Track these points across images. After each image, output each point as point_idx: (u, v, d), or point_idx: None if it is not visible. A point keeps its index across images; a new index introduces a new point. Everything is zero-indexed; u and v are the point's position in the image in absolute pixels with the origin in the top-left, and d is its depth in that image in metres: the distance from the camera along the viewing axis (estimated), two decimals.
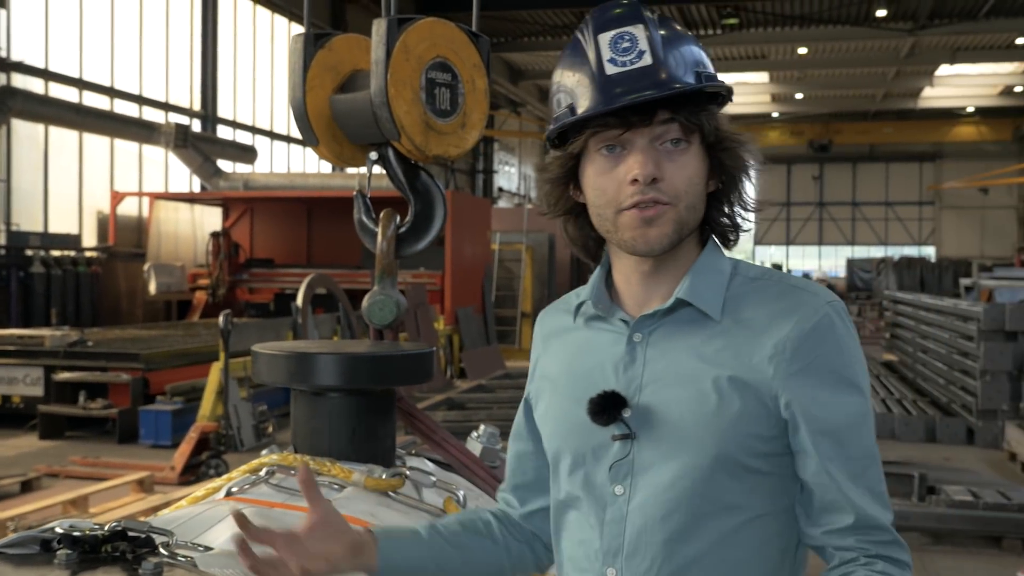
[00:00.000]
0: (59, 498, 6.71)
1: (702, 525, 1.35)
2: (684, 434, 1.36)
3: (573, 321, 1.52)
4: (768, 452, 1.36)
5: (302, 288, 9.66)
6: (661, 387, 1.38)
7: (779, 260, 47.88)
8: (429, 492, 2.38)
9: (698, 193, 1.39)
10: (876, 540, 1.35)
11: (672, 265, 1.42)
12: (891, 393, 12.27)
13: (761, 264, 1.49)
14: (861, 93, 37.28)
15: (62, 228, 16.06)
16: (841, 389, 1.35)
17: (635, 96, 1.32)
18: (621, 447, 1.39)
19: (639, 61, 1.35)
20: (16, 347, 10.81)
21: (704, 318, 1.39)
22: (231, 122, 20.93)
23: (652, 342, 1.41)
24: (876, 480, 1.37)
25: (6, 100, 13.78)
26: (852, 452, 1.35)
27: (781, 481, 1.38)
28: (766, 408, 1.35)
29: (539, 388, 1.56)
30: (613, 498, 1.40)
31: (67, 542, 1.66)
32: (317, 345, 2.48)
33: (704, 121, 1.37)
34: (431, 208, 2.67)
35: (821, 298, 1.39)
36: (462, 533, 1.56)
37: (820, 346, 1.35)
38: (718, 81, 1.38)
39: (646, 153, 1.35)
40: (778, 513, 1.39)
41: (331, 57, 2.66)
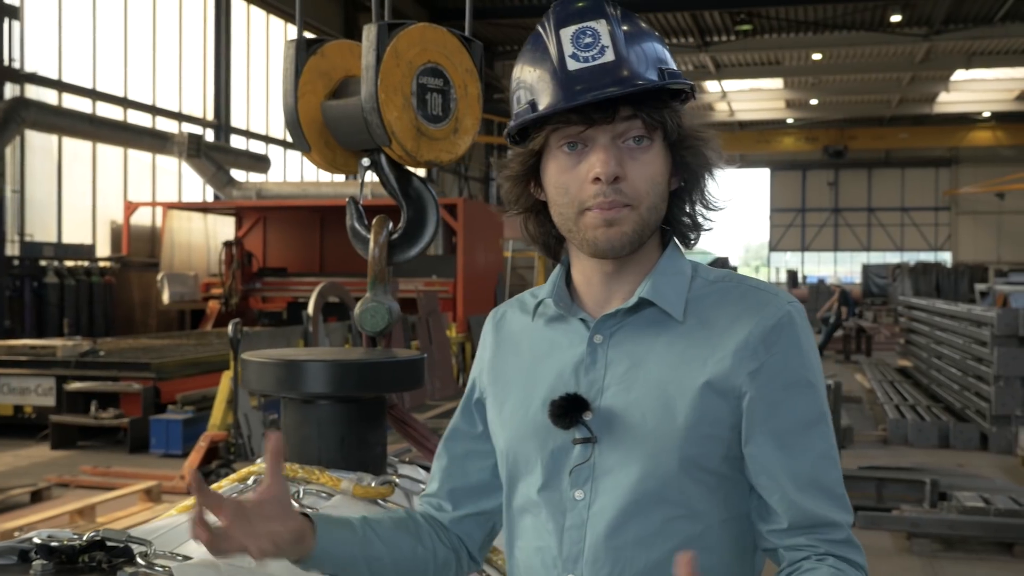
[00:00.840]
0: (66, 508, 6.72)
1: (665, 530, 1.33)
2: (646, 438, 1.33)
3: (531, 321, 1.49)
4: (730, 456, 1.34)
5: (313, 296, 9.67)
6: (623, 390, 1.36)
7: (794, 266, 47.66)
8: (419, 500, 2.36)
9: (660, 193, 1.37)
10: (827, 539, 1.32)
11: (633, 266, 1.40)
12: (905, 399, 12.18)
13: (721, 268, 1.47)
14: (876, 98, 37.14)
15: (76, 238, 16.14)
16: (797, 390, 1.33)
17: (597, 93, 1.30)
18: (582, 451, 1.37)
19: (601, 57, 1.32)
20: (28, 357, 10.84)
21: (666, 319, 1.37)
22: (244, 132, 21.01)
23: (614, 343, 1.39)
24: (832, 481, 1.34)
25: (20, 111, 13.85)
26: (805, 453, 1.33)
27: (743, 485, 1.36)
28: (729, 409, 1.33)
29: (494, 390, 1.52)
30: (573, 503, 1.37)
31: (43, 552, 1.65)
32: (306, 353, 2.46)
33: (667, 118, 1.34)
34: (424, 214, 2.65)
35: (782, 299, 1.37)
36: (393, 531, 1.51)
37: (778, 345, 1.33)
38: (681, 78, 1.36)
39: (608, 151, 1.33)
40: (741, 518, 1.37)
41: (323, 63, 2.65)
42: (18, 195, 14.93)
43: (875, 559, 6.35)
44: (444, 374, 13.06)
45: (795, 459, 1.32)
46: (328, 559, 1.41)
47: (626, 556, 1.33)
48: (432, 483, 1.62)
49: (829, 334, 19.73)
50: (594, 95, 1.30)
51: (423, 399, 12.24)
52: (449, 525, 1.58)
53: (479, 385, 1.56)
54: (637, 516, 1.33)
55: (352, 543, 1.44)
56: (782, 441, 1.32)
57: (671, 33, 28.47)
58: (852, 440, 10.06)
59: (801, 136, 41.89)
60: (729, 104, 37.72)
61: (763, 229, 51.44)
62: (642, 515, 1.33)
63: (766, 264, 52.69)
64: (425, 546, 1.53)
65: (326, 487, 2.24)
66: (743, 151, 44.82)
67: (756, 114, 39.72)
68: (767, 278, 50.69)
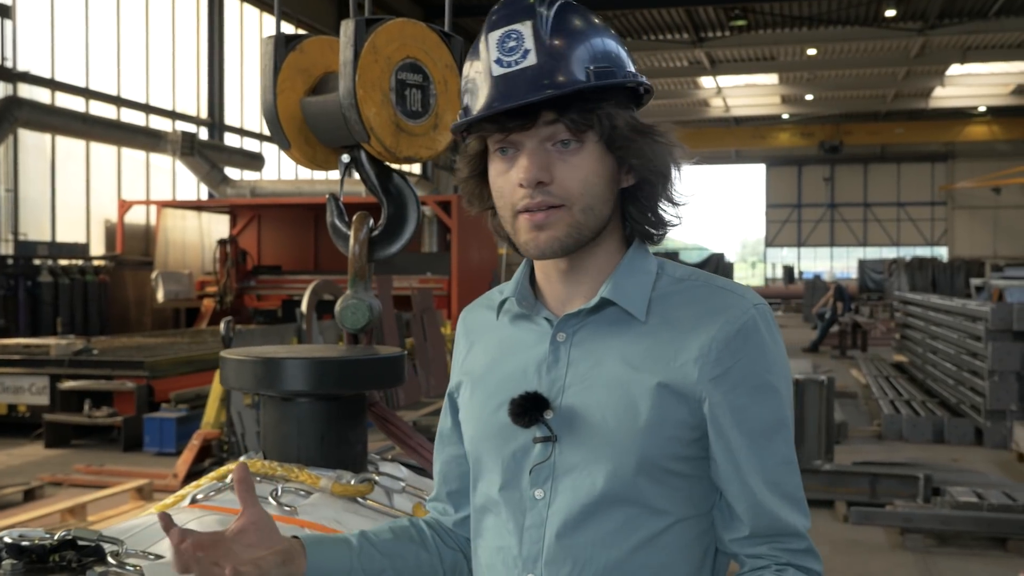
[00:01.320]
0: (58, 507, 6.70)
1: (624, 529, 1.32)
2: (607, 437, 1.32)
3: (496, 319, 1.49)
4: (691, 456, 1.33)
5: (306, 294, 9.65)
6: (584, 389, 1.35)
7: (791, 262, 47.69)
8: (400, 498, 2.36)
9: (596, 194, 1.34)
10: (788, 548, 1.32)
11: (591, 264, 1.39)
12: (900, 394, 12.19)
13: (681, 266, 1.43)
14: (871, 94, 37.12)
15: (70, 237, 16.11)
16: (761, 395, 1.32)
17: (511, 102, 1.28)
18: (542, 450, 1.36)
19: (523, 61, 1.30)
20: (22, 356, 10.82)
21: (629, 318, 1.36)
22: (238, 129, 20.98)
23: (576, 342, 1.38)
24: (794, 486, 1.34)
25: (13, 110, 13.83)
26: (768, 458, 1.32)
27: (703, 485, 1.35)
28: (689, 411, 1.32)
29: (463, 389, 1.52)
30: (533, 502, 1.36)
31: (13, 552, 1.64)
32: (285, 350, 2.45)
33: (598, 119, 1.32)
34: (404, 210, 2.65)
35: (748, 301, 1.35)
36: (393, 541, 1.52)
37: (743, 350, 1.32)
38: (616, 76, 1.33)
39: (533, 156, 1.31)
40: (700, 517, 1.36)
41: (303, 59, 2.64)
42: (11, 194, 14.91)
43: (868, 555, 6.35)
44: (439, 371, 13.05)
45: (760, 464, 1.31)
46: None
47: (585, 555, 1.33)
48: (435, 487, 1.63)
49: (825, 329, 19.73)
50: (509, 104, 1.29)
51: (418, 396, 12.23)
52: (454, 527, 1.58)
53: (453, 385, 1.56)
54: (596, 515, 1.32)
55: (347, 559, 1.44)
56: (746, 446, 1.31)
57: (665, 29, 28.47)
58: (847, 435, 10.05)
59: (797, 131, 41.91)
60: (724, 100, 37.69)
61: (759, 225, 51.54)
62: (601, 514, 1.32)
63: (762, 260, 52.73)
64: (430, 551, 1.54)
65: (305, 485, 2.24)
66: (739, 147, 44.88)
67: (751, 110, 39.66)
68: (763, 274, 50.78)
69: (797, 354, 18.35)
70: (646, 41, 29.11)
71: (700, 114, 40.44)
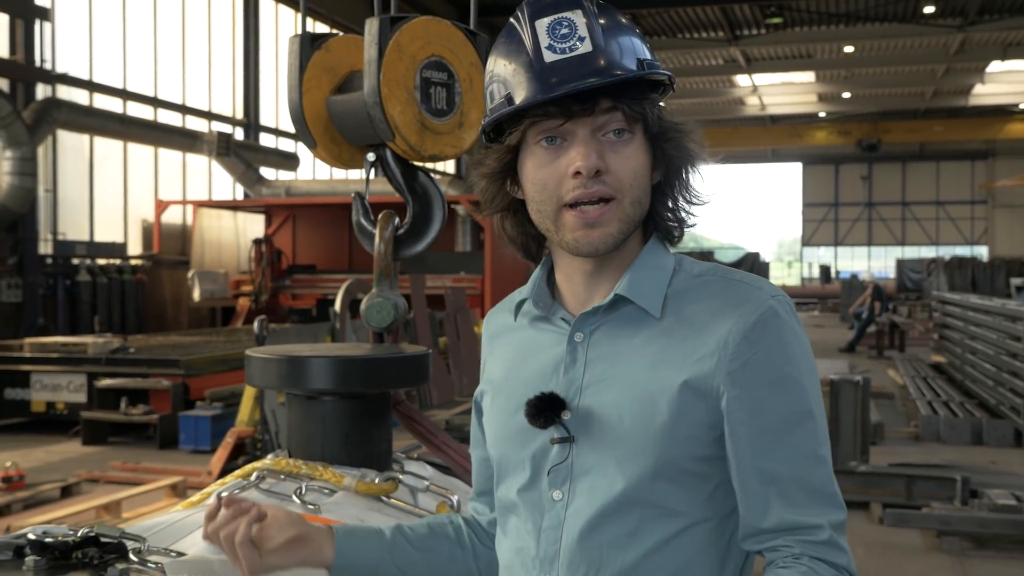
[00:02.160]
0: (93, 503, 6.78)
1: (641, 531, 1.30)
2: (624, 438, 1.30)
3: (515, 321, 1.47)
4: (710, 456, 1.31)
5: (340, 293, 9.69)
6: (602, 389, 1.33)
7: (827, 261, 47.30)
8: (424, 497, 2.35)
9: (643, 187, 1.33)
10: (806, 540, 1.28)
11: (615, 262, 1.37)
12: (937, 395, 12.04)
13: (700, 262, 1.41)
14: (910, 91, 36.71)
15: (108, 237, 16.29)
16: (780, 388, 1.29)
17: (575, 84, 1.25)
18: (560, 451, 1.34)
19: (579, 48, 1.28)
20: (60, 354, 10.96)
21: (645, 316, 1.34)
22: (273, 130, 21.12)
23: (593, 342, 1.36)
24: (820, 480, 1.30)
25: (52, 112, 14.01)
26: (788, 452, 1.29)
27: (723, 487, 1.33)
28: (708, 409, 1.29)
29: (486, 392, 1.51)
30: (551, 503, 1.35)
31: (36, 548, 1.65)
32: (310, 349, 2.45)
33: (648, 110, 1.30)
34: (429, 209, 2.64)
35: (765, 292, 1.32)
36: (428, 536, 1.53)
37: (760, 342, 1.29)
38: (660, 69, 1.32)
39: (588, 144, 1.28)
40: (719, 520, 1.33)
41: (328, 58, 2.64)
42: (51, 194, 15.09)
43: (904, 557, 6.27)
44: (472, 370, 13.05)
45: (777, 459, 1.28)
46: (352, 568, 1.43)
47: (602, 557, 1.31)
48: (472, 488, 1.64)
49: (862, 329, 19.53)
50: (573, 86, 1.26)
51: (451, 395, 12.26)
52: (487, 527, 1.58)
53: (478, 390, 1.56)
54: (613, 517, 1.30)
55: (377, 549, 1.46)
56: (764, 441, 1.28)
57: (700, 27, 28.31)
58: (883, 436, 9.94)
59: (834, 130, 41.51)
60: (760, 98, 37.44)
61: (796, 224, 51.11)
62: (619, 516, 1.30)
63: (799, 259, 52.32)
64: (465, 549, 1.54)
65: (329, 483, 2.24)
66: (775, 146, 44.55)
67: (788, 108, 39.35)
68: (800, 273, 50.38)
69: (833, 354, 18.18)
70: (681, 39, 28.96)
71: (735, 113, 40.20)
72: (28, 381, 10.85)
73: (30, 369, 10.87)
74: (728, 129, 41.76)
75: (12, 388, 10.90)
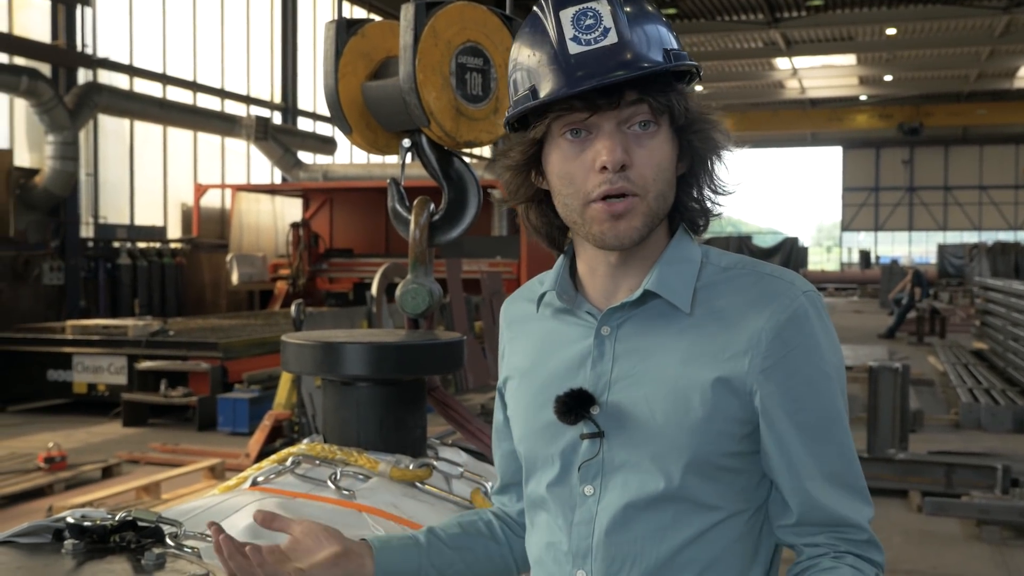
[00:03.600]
0: (133, 484, 6.87)
1: (676, 525, 1.30)
2: (655, 433, 1.29)
3: (536, 311, 1.46)
4: (742, 451, 1.30)
5: (376, 277, 9.72)
6: (631, 384, 1.32)
7: (867, 246, 46.80)
8: (459, 483, 2.35)
9: (667, 180, 1.31)
10: (848, 538, 1.29)
11: (640, 255, 1.35)
12: (979, 382, 11.89)
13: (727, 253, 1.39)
14: (953, 74, 36.16)
15: (147, 220, 16.47)
16: (815, 385, 1.28)
17: (601, 78, 1.23)
18: (590, 446, 1.34)
19: (604, 39, 1.26)
20: (101, 337, 11.11)
21: (674, 310, 1.32)
22: (311, 114, 21.21)
23: (621, 336, 1.35)
24: (853, 476, 1.30)
25: (93, 96, 14.16)
26: (824, 449, 1.29)
27: (754, 479, 1.32)
28: (740, 405, 1.28)
29: (509, 383, 1.51)
30: (583, 499, 1.35)
31: (75, 532, 1.66)
32: (345, 334, 2.46)
33: (674, 102, 1.28)
34: (464, 195, 2.63)
35: (797, 288, 1.31)
36: (461, 535, 1.53)
37: (794, 339, 1.28)
38: (687, 59, 1.30)
39: (614, 138, 1.27)
40: (752, 512, 1.33)
41: (364, 44, 2.64)
42: (92, 178, 15.27)
43: (943, 546, 6.21)
44: None
45: (815, 456, 1.28)
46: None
47: (635, 551, 1.31)
48: (496, 480, 1.63)
49: (902, 315, 19.33)
50: (598, 80, 1.24)
51: (486, 379, 12.26)
52: (517, 518, 1.58)
53: (501, 380, 1.55)
54: (646, 512, 1.30)
55: (415, 557, 1.46)
56: (801, 438, 1.28)
57: (740, 10, 28.02)
58: (922, 424, 9.84)
59: (875, 113, 40.97)
60: (800, 81, 37.03)
61: (835, 208, 50.65)
62: (651, 511, 1.30)
63: (838, 244, 51.83)
64: (499, 543, 1.55)
65: (364, 469, 2.24)
66: (814, 129, 44.07)
67: (828, 91, 38.90)
68: (839, 258, 49.92)
69: (873, 340, 18.02)
70: (720, 22, 28.70)
71: (775, 96, 39.80)
72: (70, 363, 11.02)
73: (72, 351, 11.04)
74: (767, 112, 41.36)
75: (55, 370, 11.07)
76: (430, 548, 1.48)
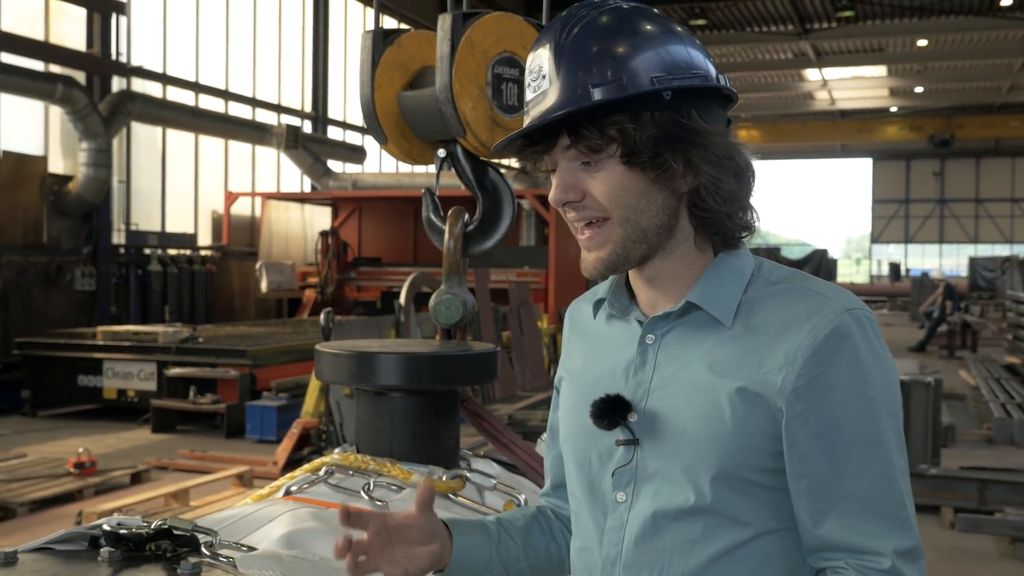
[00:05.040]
0: (162, 491, 6.90)
1: (705, 538, 1.28)
2: (689, 444, 1.29)
3: (594, 317, 1.48)
4: (774, 467, 1.28)
5: (405, 286, 9.74)
6: (669, 393, 1.32)
7: (897, 259, 46.45)
8: (491, 495, 2.34)
9: (631, 204, 1.29)
10: (868, 566, 1.24)
11: (668, 272, 1.35)
12: (1011, 397, 11.76)
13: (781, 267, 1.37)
14: (985, 86, 35.89)
15: (178, 227, 16.58)
16: (850, 406, 1.24)
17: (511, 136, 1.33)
18: (624, 453, 1.34)
19: (543, 85, 1.31)
20: (132, 343, 11.18)
21: (715, 322, 1.32)
22: (341, 123, 21.31)
23: (664, 345, 1.35)
24: (889, 503, 1.25)
25: (126, 104, 14.29)
26: (856, 472, 1.25)
27: (788, 497, 1.29)
28: (773, 422, 1.26)
29: (563, 385, 1.53)
30: (615, 505, 1.35)
31: (111, 540, 1.66)
32: (379, 344, 2.46)
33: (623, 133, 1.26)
34: (499, 206, 2.63)
35: (839, 304, 1.27)
36: (527, 531, 1.53)
37: (832, 358, 1.24)
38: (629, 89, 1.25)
39: (563, 174, 1.32)
40: (787, 531, 1.30)
41: (400, 54, 2.64)
42: (124, 185, 15.40)
43: (976, 564, 6.13)
44: (535, 365, 13.05)
45: (844, 479, 1.25)
46: (464, 569, 1.43)
47: (663, 562, 1.30)
48: (546, 479, 1.64)
49: (932, 329, 19.16)
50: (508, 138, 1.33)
51: (514, 390, 12.25)
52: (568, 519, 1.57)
53: (557, 379, 1.57)
54: (676, 522, 1.29)
55: (487, 550, 1.46)
56: (831, 460, 1.25)
57: (769, 20, 27.94)
58: (954, 439, 9.74)
59: (905, 125, 40.69)
60: (830, 92, 36.86)
61: (865, 220, 50.32)
62: (681, 522, 1.29)
63: (868, 256, 51.48)
64: (558, 543, 1.55)
65: (397, 480, 2.24)
66: (844, 140, 43.83)
67: (858, 102, 38.70)
68: (869, 271, 49.57)
69: (903, 354, 17.86)
70: (749, 33, 28.63)
71: (804, 107, 39.63)
72: (100, 368, 11.11)
73: (103, 357, 11.12)
74: (797, 123, 41.19)
75: (85, 375, 11.16)
76: (500, 542, 1.48)
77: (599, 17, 1.30)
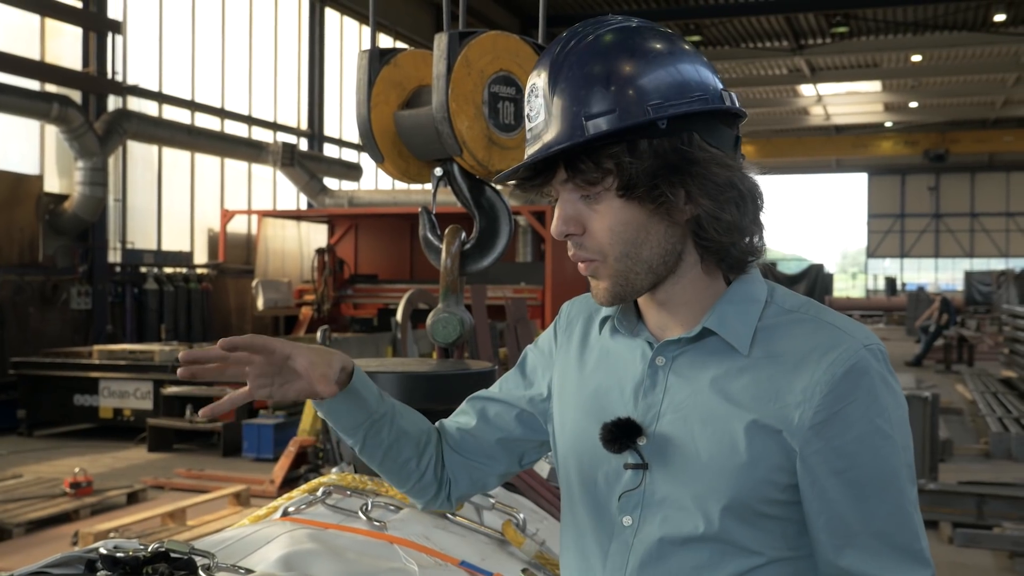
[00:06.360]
0: (159, 510, 6.87)
1: (712, 565, 1.27)
2: (698, 471, 1.27)
3: (599, 330, 1.45)
4: (786, 499, 1.27)
5: (401, 303, 9.73)
6: (679, 419, 1.30)
7: (893, 273, 46.51)
8: (490, 514, 2.33)
9: (629, 239, 1.27)
10: None
11: (679, 298, 1.33)
12: (1008, 411, 11.76)
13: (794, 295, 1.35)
14: (979, 101, 36.03)
15: (175, 246, 16.57)
16: (869, 443, 1.23)
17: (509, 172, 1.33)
18: (633, 476, 1.32)
19: (540, 116, 1.28)
20: (128, 362, 11.16)
21: (731, 349, 1.30)
22: (337, 140, 21.34)
23: (675, 369, 1.33)
24: (905, 537, 1.25)
25: (122, 123, 14.30)
26: (875, 507, 1.24)
27: (798, 526, 1.28)
28: (786, 456, 1.25)
29: (558, 391, 1.49)
30: (621, 528, 1.33)
31: (107, 564, 1.66)
32: (376, 363, 2.45)
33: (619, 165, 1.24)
34: (496, 224, 2.63)
35: (857, 340, 1.26)
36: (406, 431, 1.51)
37: (850, 395, 1.23)
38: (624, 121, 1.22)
39: (563, 207, 1.30)
40: (797, 559, 1.29)
41: (396, 73, 2.64)
42: (120, 204, 15.39)
43: None
44: None
45: (862, 514, 1.24)
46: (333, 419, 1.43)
47: None
48: (458, 416, 1.61)
49: (929, 343, 19.17)
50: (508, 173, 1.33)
51: None
52: (447, 459, 1.55)
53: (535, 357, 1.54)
54: (683, 549, 1.28)
55: (362, 415, 1.44)
56: (850, 495, 1.24)
57: (764, 37, 28.05)
58: (952, 453, 9.73)
59: (900, 140, 40.80)
60: (825, 108, 37.00)
61: (860, 235, 50.39)
62: (687, 548, 1.28)
63: (863, 271, 51.54)
64: (420, 466, 1.52)
65: (395, 500, 2.23)
66: (839, 155, 43.95)
67: (853, 118, 38.83)
68: (864, 285, 49.62)
69: (900, 368, 17.86)
70: (745, 49, 28.73)
71: (799, 123, 39.76)
72: (96, 388, 11.08)
73: (98, 376, 11.10)
74: (792, 139, 41.30)
75: (81, 394, 11.13)
76: (377, 422, 1.46)
77: (596, 39, 1.26)
